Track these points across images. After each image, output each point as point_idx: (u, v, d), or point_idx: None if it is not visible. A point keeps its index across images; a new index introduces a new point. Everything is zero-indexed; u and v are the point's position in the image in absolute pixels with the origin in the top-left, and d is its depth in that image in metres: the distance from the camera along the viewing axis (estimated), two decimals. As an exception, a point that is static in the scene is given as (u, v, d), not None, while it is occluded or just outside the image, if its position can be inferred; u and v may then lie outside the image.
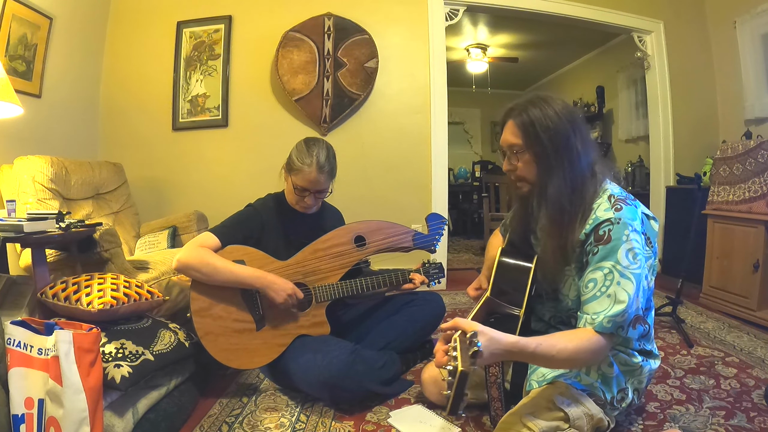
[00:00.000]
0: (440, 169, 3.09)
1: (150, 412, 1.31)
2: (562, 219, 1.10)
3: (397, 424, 1.35)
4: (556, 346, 0.97)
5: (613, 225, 1.05)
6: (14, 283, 1.47)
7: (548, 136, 1.09)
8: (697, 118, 3.43)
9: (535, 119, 1.10)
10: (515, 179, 1.18)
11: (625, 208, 1.07)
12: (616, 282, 1.03)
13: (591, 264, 1.07)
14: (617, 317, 1.01)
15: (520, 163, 1.14)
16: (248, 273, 1.47)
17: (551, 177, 1.10)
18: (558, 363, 1.03)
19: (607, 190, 1.13)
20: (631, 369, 1.17)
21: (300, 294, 1.51)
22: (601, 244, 1.05)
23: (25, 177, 1.91)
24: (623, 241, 1.04)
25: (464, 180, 6.52)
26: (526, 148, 1.12)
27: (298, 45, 2.87)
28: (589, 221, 1.09)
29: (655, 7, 3.40)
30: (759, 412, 1.38)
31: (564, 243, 1.10)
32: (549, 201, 1.10)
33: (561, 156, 1.10)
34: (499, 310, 1.17)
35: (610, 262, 1.04)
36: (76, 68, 2.67)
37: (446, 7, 3.07)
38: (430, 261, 1.78)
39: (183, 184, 2.97)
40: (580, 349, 0.99)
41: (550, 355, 0.96)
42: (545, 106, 1.11)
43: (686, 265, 2.28)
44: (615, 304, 1.02)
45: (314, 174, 1.52)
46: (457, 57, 5.33)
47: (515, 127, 1.13)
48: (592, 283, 1.06)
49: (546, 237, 1.14)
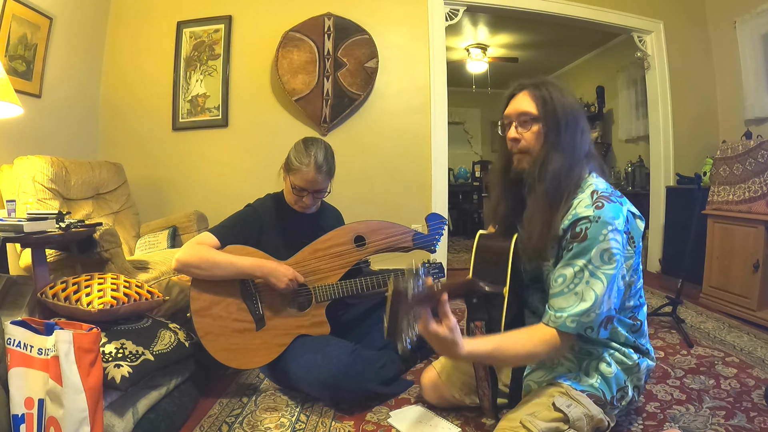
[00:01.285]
0: (440, 169, 3.09)
1: (150, 412, 1.31)
2: (555, 194, 1.11)
3: (397, 424, 1.35)
4: (508, 351, 1.05)
5: (591, 223, 1.04)
6: (14, 283, 1.48)
7: (563, 112, 1.12)
8: (697, 118, 3.43)
9: (553, 94, 1.13)
10: (518, 150, 1.16)
11: (607, 206, 1.05)
12: (585, 281, 1.04)
13: (564, 258, 1.08)
14: (581, 316, 1.03)
15: (528, 134, 1.14)
16: (248, 262, 1.48)
17: (555, 152, 1.11)
18: (514, 364, 1.15)
19: (591, 185, 1.11)
20: (629, 367, 1.17)
21: (300, 278, 1.52)
22: (576, 241, 1.05)
23: (25, 177, 1.91)
24: (599, 241, 1.03)
25: (464, 180, 6.53)
26: (539, 119, 1.13)
27: (298, 45, 2.87)
28: (568, 216, 1.08)
29: (655, 7, 3.40)
30: (759, 412, 1.38)
31: (551, 218, 1.10)
32: (548, 175, 1.10)
33: (568, 134, 1.12)
34: (481, 290, 1.15)
35: (582, 260, 1.04)
36: (76, 68, 2.67)
37: (446, 7, 3.07)
38: (430, 261, 1.78)
39: (183, 184, 2.97)
40: (535, 352, 1.06)
41: (506, 358, 1.08)
42: (561, 87, 1.16)
43: (686, 265, 2.28)
44: (580, 302, 1.03)
45: (312, 174, 1.52)
46: (457, 57, 5.34)
47: (531, 97, 1.14)
48: (561, 278, 1.07)
49: (536, 211, 1.12)
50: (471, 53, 5.22)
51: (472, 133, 7.39)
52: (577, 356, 1.17)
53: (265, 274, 1.47)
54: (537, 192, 1.12)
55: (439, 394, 1.41)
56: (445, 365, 1.42)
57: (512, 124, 1.16)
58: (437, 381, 1.41)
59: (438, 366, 1.43)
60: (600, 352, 1.16)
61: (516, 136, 1.15)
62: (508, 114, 1.18)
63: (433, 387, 1.42)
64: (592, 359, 1.16)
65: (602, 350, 1.16)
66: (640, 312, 1.20)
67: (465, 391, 1.38)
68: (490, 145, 7.41)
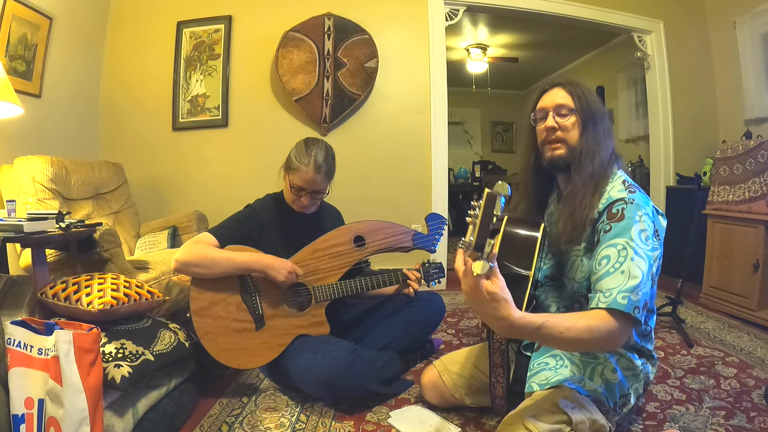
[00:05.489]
0: (440, 169, 3.09)
1: (150, 412, 1.31)
2: (599, 175, 1.15)
3: (397, 424, 1.35)
4: (563, 323, 0.92)
5: (627, 204, 1.07)
6: (14, 283, 1.47)
7: (596, 108, 1.18)
8: (697, 118, 3.43)
9: (584, 92, 1.19)
10: (555, 139, 1.18)
11: (638, 193, 1.11)
12: (630, 258, 1.02)
13: (603, 242, 1.07)
14: (632, 293, 0.98)
15: (567, 122, 1.17)
16: (247, 257, 1.48)
17: (590, 143, 1.15)
18: (565, 343, 0.97)
19: (621, 176, 1.16)
20: (634, 373, 1.17)
21: (300, 271, 1.52)
22: (614, 221, 1.07)
23: (25, 177, 1.91)
24: (636, 221, 1.05)
25: (464, 180, 6.52)
26: (576, 111, 1.17)
27: (298, 45, 2.87)
28: (603, 200, 1.12)
29: (655, 7, 3.40)
30: (759, 412, 1.38)
31: (593, 199, 1.13)
32: (589, 158, 1.15)
33: (601, 128, 1.17)
34: (506, 271, 1.10)
35: (623, 238, 1.04)
36: (76, 68, 2.67)
37: (446, 7, 3.07)
38: (430, 261, 1.78)
39: (183, 184, 2.97)
40: (591, 328, 0.94)
41: (558, 333, 0.91)
42: (588, 88, 1.22)
43: (686, 265, 2.28)
44: (629, 279, 1.00)
45: (311, 174, 1.53)
46: (457, 57, 5.33)
47: (566, 92, 1.19)
48: (606, 259, 1.05)
49: (577, 193, 1.15)
50: (471, 53, 5.22)
51: (472, 133, 7.38)
52: (582, 360, 1.17)
53: (264, 267, 1.47)
54: (581, 173, 1.15)
55: (440, 394, 1.41)
56: (446, 365, 1.42)
57: (547, 115, 1.19)
58: (438, 381, 1.41)
59: (439, 365, 1.43)
60: (606, 357, 1.16)
61: (553, 124, 1.17)
62: (543, 107, 1.20)
63: (434, 386, 1.42)
64: (598, 364, 1.16)
65: (609, 355, 1.16)
66: (651, 319, 1.21)
67: (466, 390, 1.38)
68: (490, 145, 7.41)
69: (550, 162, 1.20)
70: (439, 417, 1.38)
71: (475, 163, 6.75)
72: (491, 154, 7.29)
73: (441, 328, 2.21)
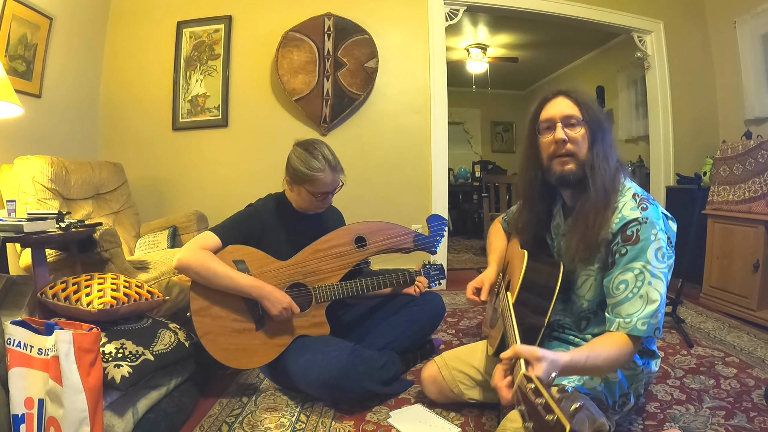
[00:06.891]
0: (440, 169, 3.09)
1: (150, 412, 1.31)
2: (605, 196, 1.10)
3: (397, 424, 1.35)
4: (601, 356, 0.97)
5: (641, 225, 1.05)
6: (14, 283, 1.48)
7: (602, 118, 1.14)
8: (697, 118, 3.43)
9: (589, 100, 1.15)
10: (565, 152, 1.12)
11: (650, 207, 1.07)
12: (648, 282, 1.02)
13: (619, 265, 1.06)
14: (651, 318, 1.01)
15: (577, 135, 1.12)
16: (247, 282, 1.46)
17: (600, 157, 1.11)
18: (601, 371, 1.06)
19: (630, 188, 1.13)
20: (635, 374, 1.17)
21: (296, 308, 1.49)
22: (629, 244, 1.05)
23: (25, 177, 1.91)
24: (652, 241, 1.03)
25: (464, 180, 6.52)
26: (584, 122, 1.12)
27: (298, 45, 2.87)
28: (615, 220, 1.08)
29: (655, 7, 3.40)
30: (759, 412, 1.38)
31: (605, 217, 1.09)
32: (597, 177, 1.10)
33: (608, 139, 1.14)
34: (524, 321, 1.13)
35: (640, 262, 1.03)
36: (76, 68, 2.67)
37: (446, 7, 3.07)
38: (430, 262, 1.78)
39: (183, 184, 2.97)
40: (620, 354, 0.99)
41: (597, 365, 0.97)
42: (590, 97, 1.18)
43: (686, 265, 2.28)
44: (648, 305, 1.01)
45: (330, 175, 1.53)
46: (457, 57, 5.34)
47: (572, 101, 1.13)
48: (623, 285, 1.05)
49: (590, 211, 1.10)
50: (471, 53, 5.22)
51: (472, 133, 7.39)
52: None
53: (261, 296, 1.45)
54: (591, 191, 1.10)
55: (439, 389, 1.42)
56: (446, 360, 1.43)
57: (555, 126, 1.13)
58: (437, 376, 1.41)
59: (439, 361, 1.44)
60: None
61: (563, 137, 1.11)
62: (550, 117, 1.14)
63: (433, 381, 1.42)
64: None
65: None
66: None
67: (465, 386, 1.38)
68: (490, 145, 7.42)
69: (560, 178, 1.14)
70: (439, 417, 1.38)
71: (475, 163, 6.75)
72: (491, 154, 7.30)
73: (441, 328, 2.21)
